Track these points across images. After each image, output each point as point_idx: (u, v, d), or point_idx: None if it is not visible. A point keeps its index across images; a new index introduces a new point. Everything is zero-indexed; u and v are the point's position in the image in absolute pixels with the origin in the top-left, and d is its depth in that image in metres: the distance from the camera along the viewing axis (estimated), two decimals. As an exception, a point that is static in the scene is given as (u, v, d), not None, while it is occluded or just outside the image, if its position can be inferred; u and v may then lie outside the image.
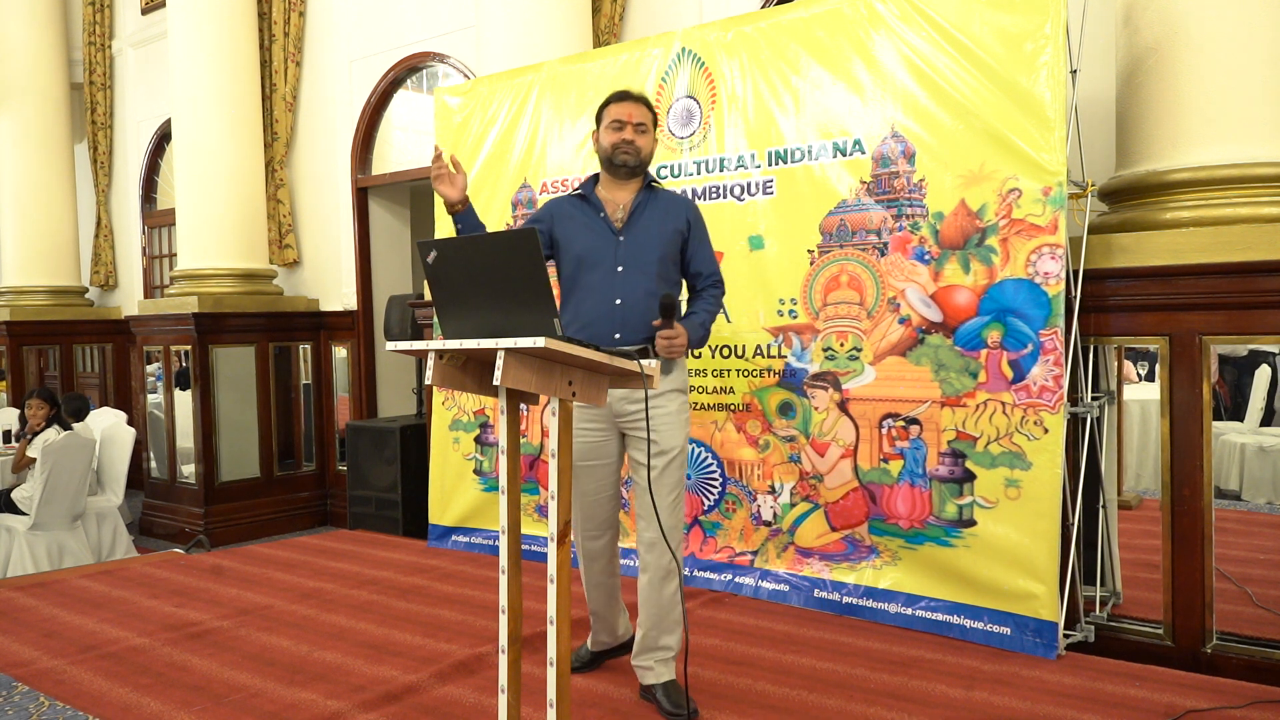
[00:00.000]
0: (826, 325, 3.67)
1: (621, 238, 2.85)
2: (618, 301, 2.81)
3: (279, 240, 6.82)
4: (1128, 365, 3.59)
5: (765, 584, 3.82)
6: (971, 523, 3.33)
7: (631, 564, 4.23)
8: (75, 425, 5.62)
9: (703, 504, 4.03)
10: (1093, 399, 3.32)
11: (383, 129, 6.46)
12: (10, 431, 6.15)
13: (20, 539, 5.29)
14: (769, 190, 3.82)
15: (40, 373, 7.97)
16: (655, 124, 2.92)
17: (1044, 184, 3.17)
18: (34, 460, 5.36)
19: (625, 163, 2.85)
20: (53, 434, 5.42)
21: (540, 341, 1.95)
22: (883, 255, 3.53)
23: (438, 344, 2.20)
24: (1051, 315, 3.16)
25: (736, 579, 3.90)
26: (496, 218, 4.67)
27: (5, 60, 7.75)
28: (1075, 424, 3.30)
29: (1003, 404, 3.25)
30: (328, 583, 4.30)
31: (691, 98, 4.04)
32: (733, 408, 3.92)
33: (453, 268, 2.22)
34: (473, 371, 2.30)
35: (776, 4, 4.21)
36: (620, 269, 2.83)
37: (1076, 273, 3.24)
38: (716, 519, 3.99)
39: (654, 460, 2.78)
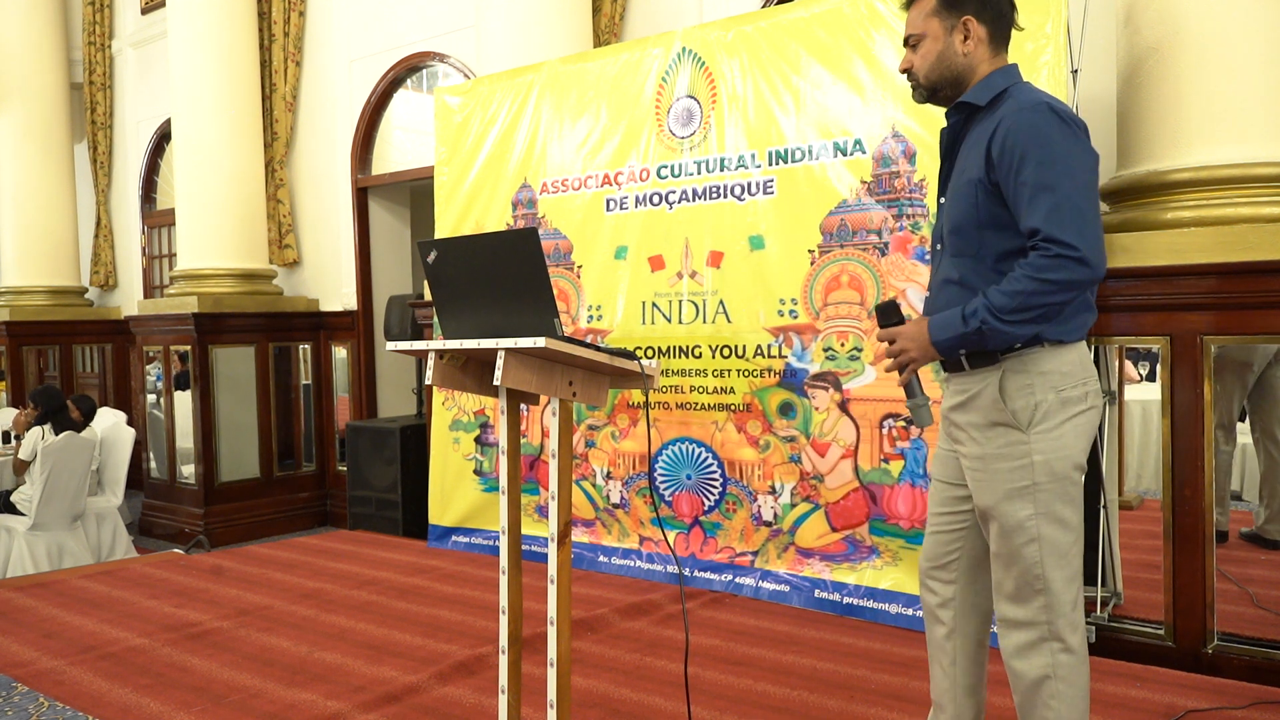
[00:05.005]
0: (827, 325, 3.67)
1: (942, 199, 2.10)
2: (927, 295, 2.15)
3: (279, 240, 6.82)
4: (1129, 365, 3.58)
5: (766, 584, 3.82)
6: (972, 523, 3.32)
7: (632, 564, 4.23)
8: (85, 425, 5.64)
9: (703, 504, 4.02)
10: (1093, 399, 3.31)
11: (383, 129, 6.46)
12: (10, 432, 6.15)
13: (20, 539, 5.29)
14: (769, 190, 3.82)
15: (40, 373, 7.96)
16: (958, 25, 2.02)
17: (1045, 184, 3.17)
18: (28, 463, 5.35)
19: (914, 96, 2.14)
20: (38, 434, 5.41)
21: (540, 342, 1.95)
22: (883, 255, 3.53)
23: (438, 344, 2.19)
24: None
25: (737, 579, 3.90)
26: (497, 218, 4.66)
27: (5, 60, 7.74)
28: (1076, 424, 3.29)
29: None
30: (328, 583, 4.30)
31: (692, 97, 4.04)
32: (733, 408, 3.92)
33: (453, 268, 2.22)
34: (473, 371, 2.30)
35: (777, 3, 4.21)
36: (939, 245, 2.10)
37: (1077, 273, 3.23)
38: (717, 519, 3.99)
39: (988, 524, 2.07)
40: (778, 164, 3.79)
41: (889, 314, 2.05)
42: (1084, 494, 3.27)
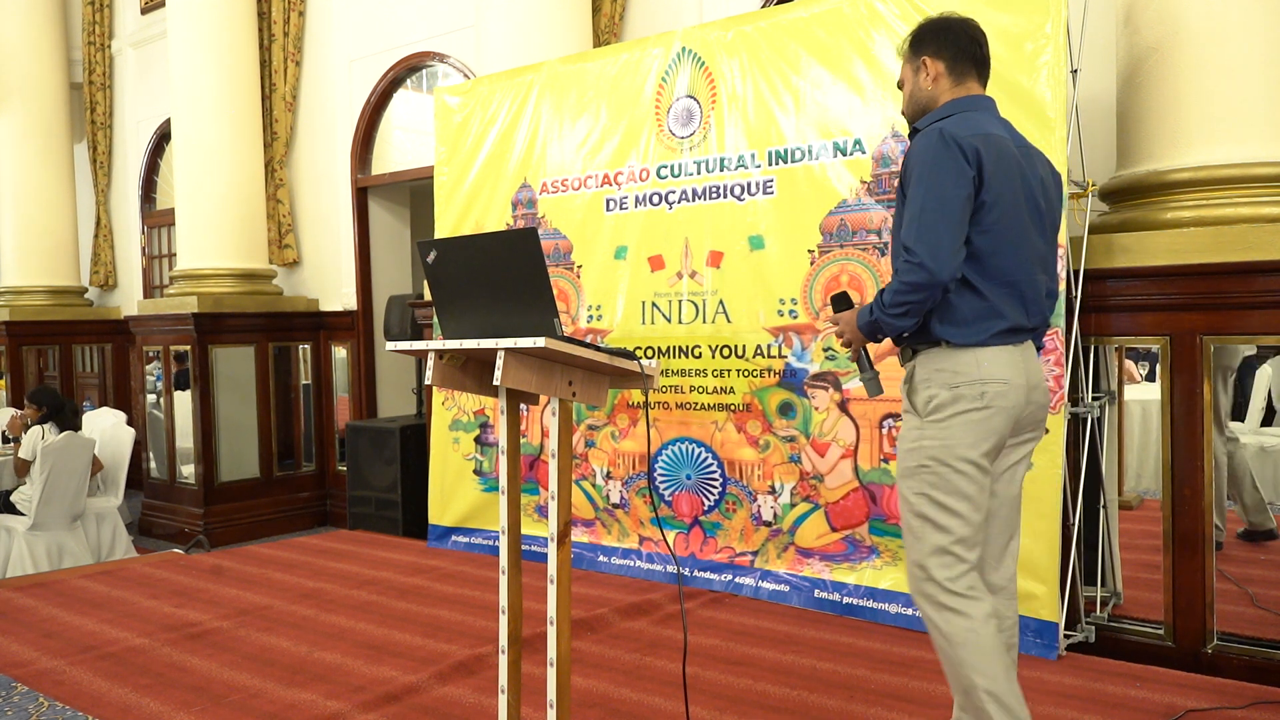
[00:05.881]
0: (827, 325, 3.67)
1: None
2: None
3: (279, 240, 6.82)
4: (1129, 365, 3.58)
5: (766, 584, 3.82)
6: (972, 523, 3.32)
7: (632, 564, 4.24)
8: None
9: (703, 504, 4.03)
10: (1093, 399, 3.32)
11: (383, 129, 6.46)
12: (5, 433, 6.15)
13: (20, 539, 5.29)
14: (769, 190, 3.82)
15: (40, 373, 7.96)
16: (919, 65, 2.29)
17: (1044, 184, 3.17)
18: (29, 463, 5.35)
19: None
20: (37, 434, 5.41)
21: (540, 341, 1.95)
22: (883, 255, 3.53)
23: (438, 344, 2.20)
24: (1052, 315, 3.16)
25: (737, 579, 3.90)
26: (496, 218, 4.66)
27: (5, 60, 7.74)
28: (1076, 424, 3.29)
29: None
30: (327, 583, 4.30)
31: (692, 97, 4.04)
32: (733, 408, 3.92)
33: (453, 268, 2.22)
34: (473, 371, 2.30)
35: (777, 3, 4.21)
36: None
37: (1077, 273, 3.23)
38: (717, 519, 3.99)
39: None
40: (777, 164, 3.79)
41: (839, 303, 2.34)
42: (1084, 494, 3.29)
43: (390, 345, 2.40)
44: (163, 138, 7.93)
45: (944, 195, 2.06)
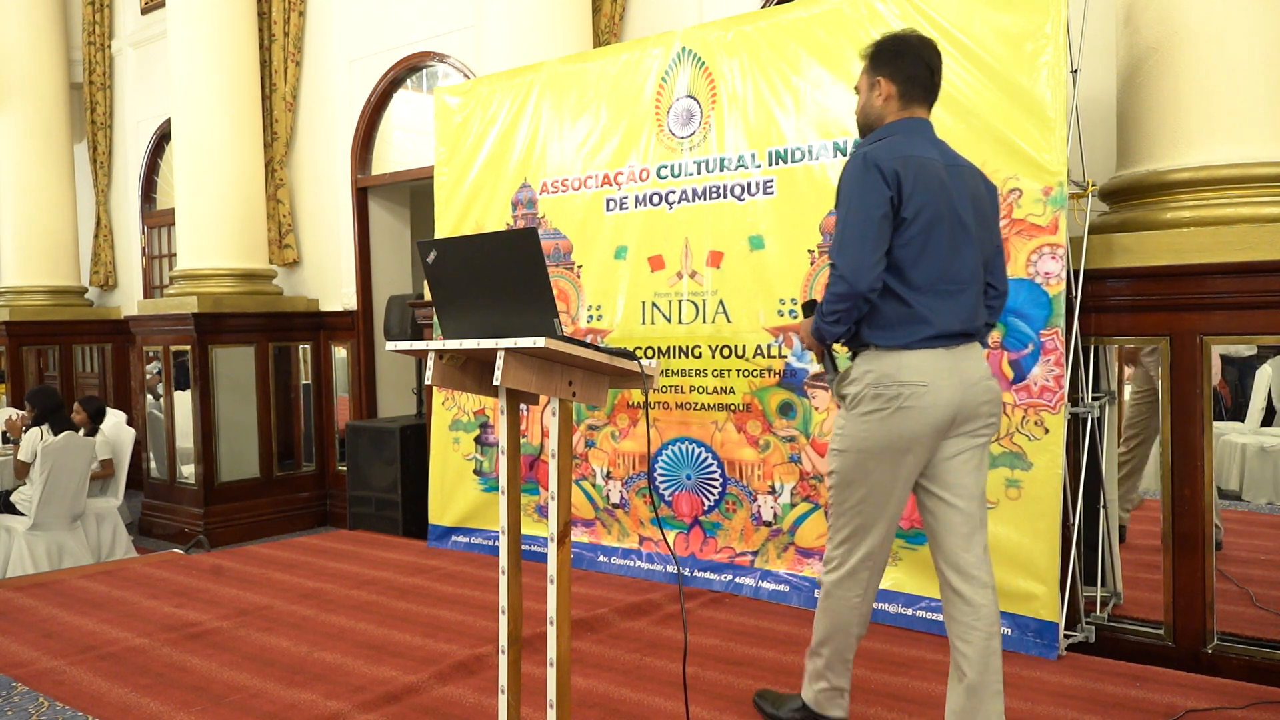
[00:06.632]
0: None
1: None
2: None
3: (279, 240, 6.82)
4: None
5: (765, 584, 3.82)
6: (972, 523, 3.31)
7: (632, 564, 4.23)
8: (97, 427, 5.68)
9: (703, 504, 4.03)
10: (1093, 399, 3.32)
11: (383, 129, 6.46)
12: (4, 433, 6.15)
13: (20, 539, 5.29)
14: (769, 190, 3.82)
15: (40, 373, 7.97)
16: (875, 83, 2.42)
17: (1044, 184, 3.17)
18: (29, 464, 5.36)
19: None
20: (36, 435, 5.42)
21: (540, 341, 1.95)
22: (883, 255, 3.52)
23: (438, 344, 2.20)
24: (1052, 315, 3.16)
25: (737, 579, 3.90)
26: (496, 218, 4.67)
27: (5, 60, 7.75)
28: (1076, 424, 3.29)
29: (1004, 404, 3.25)
30: (327, 583, 4.30)
31: (692, 97, 4.04)
32: (733, 408, 3.92)
33: (453, 268, 2.22)
34: (473, 371, 2.30)
35: (777, 3, 4.21)
36: None
37: (1077, 273, 3.23)
38: (717, 519, 3.99)
39: None
40: (777, 164, 3.79)
41: (809, 310, 2.49)
42: (1084, 494, 3.29)
43: (390, 345, 2.40)
44: (163, 138, 7.93)
45: (864, 215, 2.24)
